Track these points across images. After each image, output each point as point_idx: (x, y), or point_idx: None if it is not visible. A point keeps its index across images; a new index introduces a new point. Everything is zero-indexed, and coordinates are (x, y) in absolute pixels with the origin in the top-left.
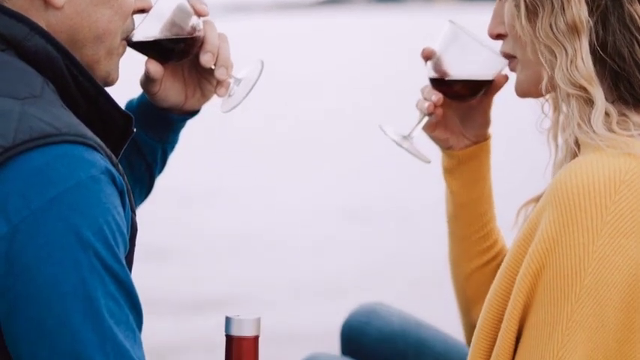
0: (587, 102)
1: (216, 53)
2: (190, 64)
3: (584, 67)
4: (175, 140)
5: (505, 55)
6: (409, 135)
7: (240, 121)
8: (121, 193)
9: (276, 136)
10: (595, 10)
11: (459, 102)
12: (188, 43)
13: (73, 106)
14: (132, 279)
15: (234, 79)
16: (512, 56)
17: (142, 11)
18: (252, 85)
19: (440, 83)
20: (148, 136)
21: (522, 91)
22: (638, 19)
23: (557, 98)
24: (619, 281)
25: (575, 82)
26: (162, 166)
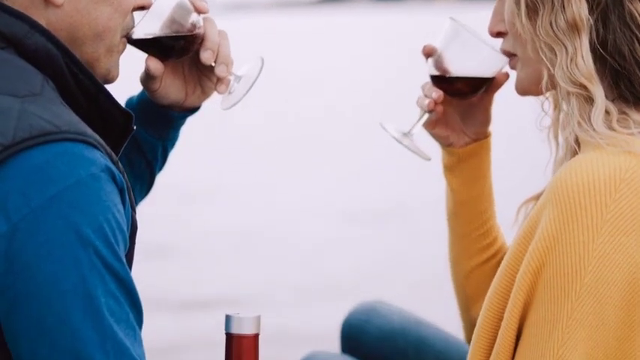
0: (587, 100)
1: (216, 50)
2: (190, 62)
3: (585, 65)
4: (175, 137)
5: (505, 53)
6: (409, 132)
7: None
8: (121, 191)
9: (277, 133)
10: (595, 8)
11: (459, 99)
12: (188, 40)
13: (73, 103)
14: (132, 277)
15: (235, 76)
16: (512, 54)
17: (141, 8)
18: (252, 82)
19: (440, 80)
20: (148, 133)
21: (523, 89)
22: (639, 17)
23: (558, 96)
24: (619, 279)
25: (575, 80)
26: (162, 163)
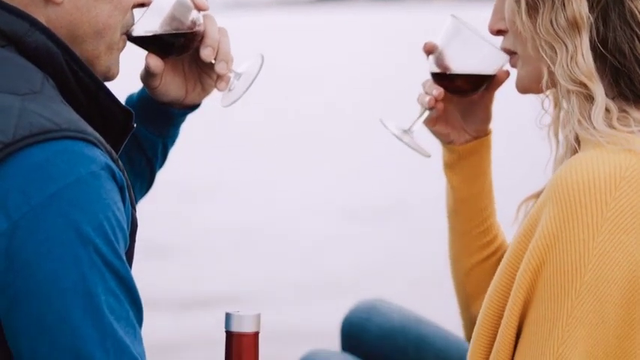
0: (587, 98)
1: (216, 47)
2: (190, 59)
3: (585, 63)
4: (176, 134)
5: (506, 51)
6: (410, 129)
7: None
8: (121, 189)
9: (277, 130)
10: (595, 6)
11: (460, 97)
12: (188, 37)
13: (73, 101)
14: (132, 275)
15: (235, 73)
16: (512, 52)
17: (141, 5)
18: (252, 79)
19: (441, 78)
20: (149, 130)
21: (523, 87)
22: (639, 14)
23: (558, 94)
24: (619, 277)
25: (575, 78)
26: (162, 160)
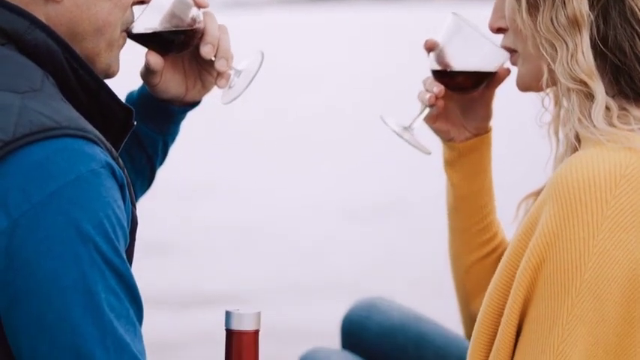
0: (587, 96)
1: (216, 45)
2: (190, 56)
3: (585, 61)
4: (176, 132)
5: (506, 49)
6: (410, 126)
7: (241, 113)
8: (121, 187)
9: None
10: (596, 4)
11: (460, 94)
12: (188, 34)
13: (73, 99)
14: (132, 273)
15: (235, 70)
16: (513, 50)
17: (141, 2)
18: (252, 76)
19: (442, 75)
20: (149, 127)
21: (523, 85)
22: (639, 12)
23: (558, 92)
24: (619, 276)
25: (575, 76)
26: (163, 158)
